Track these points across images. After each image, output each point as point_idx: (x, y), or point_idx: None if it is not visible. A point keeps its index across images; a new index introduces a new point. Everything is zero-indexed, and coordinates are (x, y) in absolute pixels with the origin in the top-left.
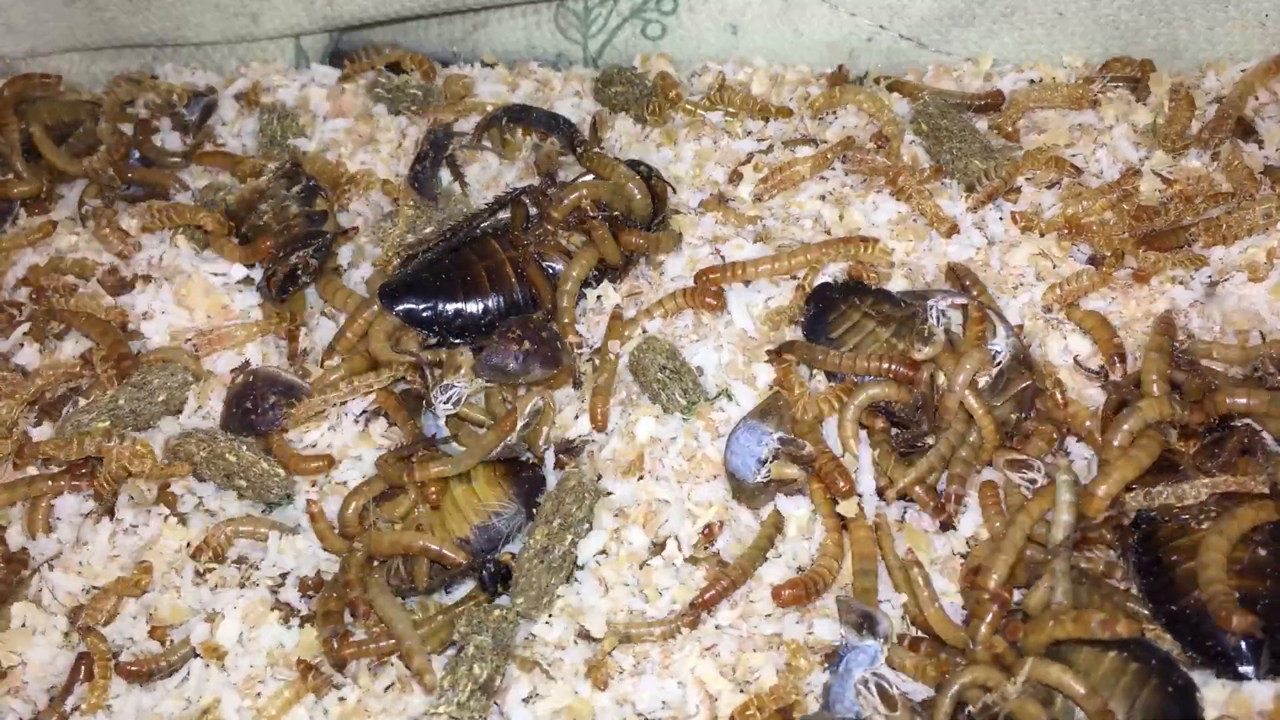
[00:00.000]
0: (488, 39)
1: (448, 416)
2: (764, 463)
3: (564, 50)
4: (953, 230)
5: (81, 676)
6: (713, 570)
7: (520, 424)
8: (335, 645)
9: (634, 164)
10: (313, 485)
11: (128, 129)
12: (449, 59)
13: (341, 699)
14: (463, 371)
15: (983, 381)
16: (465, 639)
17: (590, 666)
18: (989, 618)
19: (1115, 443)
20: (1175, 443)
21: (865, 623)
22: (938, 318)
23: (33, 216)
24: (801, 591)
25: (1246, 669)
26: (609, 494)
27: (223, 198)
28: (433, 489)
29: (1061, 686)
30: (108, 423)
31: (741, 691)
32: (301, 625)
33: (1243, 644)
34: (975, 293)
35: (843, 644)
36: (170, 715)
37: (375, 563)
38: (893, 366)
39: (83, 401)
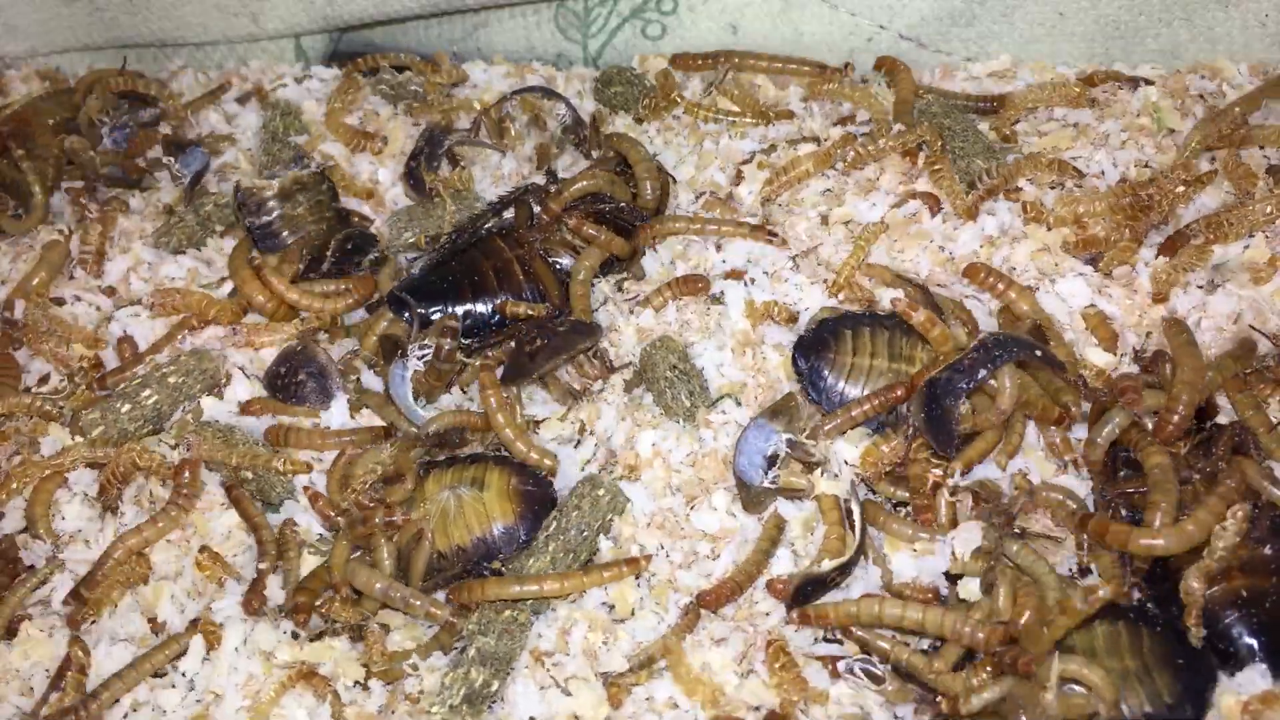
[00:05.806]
0: (488, 39)
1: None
2: (770, 462)
3: (564, 50)
4: (972, 210)
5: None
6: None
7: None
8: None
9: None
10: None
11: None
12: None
13: (350, 703)
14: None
15: None
16: (470, 640)
17: (610, 684)
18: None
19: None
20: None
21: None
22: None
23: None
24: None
25: (1258, 667)
26: (622, 494)
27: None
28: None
29: (1084, 680)
30: (149, 428)
31: (743, 680)
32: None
33: (1254, 643)
34: (997, 283)
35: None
36: (172, 711)
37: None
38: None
39: (125, 407)
